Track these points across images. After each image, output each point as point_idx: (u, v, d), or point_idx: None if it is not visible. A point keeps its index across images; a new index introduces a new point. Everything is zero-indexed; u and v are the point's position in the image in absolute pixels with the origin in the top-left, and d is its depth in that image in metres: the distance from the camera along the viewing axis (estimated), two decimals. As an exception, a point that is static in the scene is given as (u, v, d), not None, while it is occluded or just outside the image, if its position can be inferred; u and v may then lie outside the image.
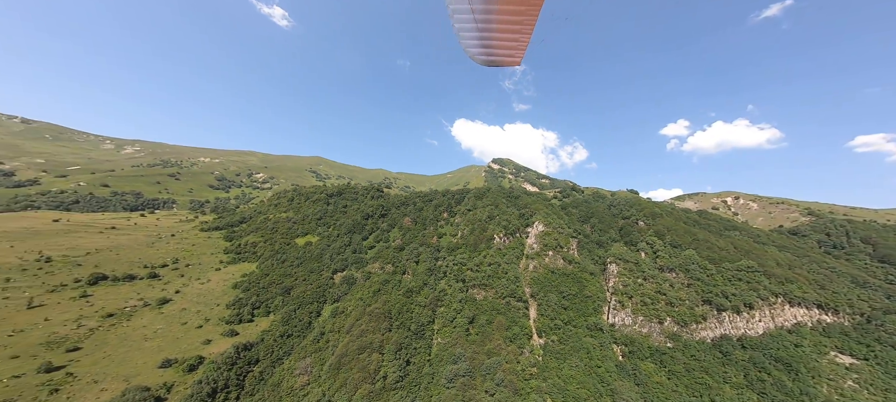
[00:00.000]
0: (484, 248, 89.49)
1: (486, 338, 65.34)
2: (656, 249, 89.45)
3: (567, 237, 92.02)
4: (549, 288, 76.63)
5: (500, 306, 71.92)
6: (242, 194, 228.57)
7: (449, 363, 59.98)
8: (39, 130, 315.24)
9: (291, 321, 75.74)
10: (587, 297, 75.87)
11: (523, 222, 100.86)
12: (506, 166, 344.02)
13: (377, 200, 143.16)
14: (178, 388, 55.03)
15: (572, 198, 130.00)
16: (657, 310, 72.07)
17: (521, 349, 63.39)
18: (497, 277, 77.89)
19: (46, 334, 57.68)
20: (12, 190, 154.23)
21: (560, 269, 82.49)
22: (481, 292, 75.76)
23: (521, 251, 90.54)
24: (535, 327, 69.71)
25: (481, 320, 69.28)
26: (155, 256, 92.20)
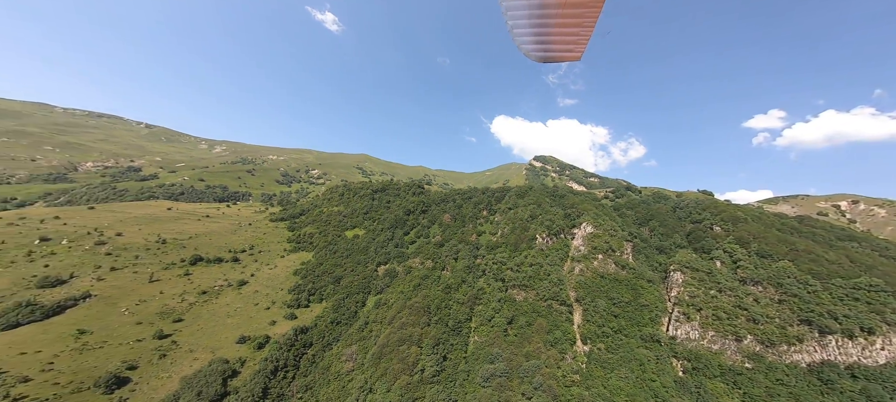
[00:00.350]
0: (525, 248, 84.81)
1: (524, 340, 62.64)
2: (737, 258, 75.36)
3: (620, 241, 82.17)
4: (597, 293, 70.57)
5: (541, 308, 68.55)
6: (301, 189, 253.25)
7: (485, 362, 58.81)
8: (157, 133, 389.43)
9: (340, 309, 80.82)
10: (643, 306, 68.49)
11: (569, 222, 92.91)
12: (549, 164, 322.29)
13: (418, 196, 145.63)
14: (249, 363, 62.16)
15: (627, 198, 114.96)
16: (735, 326, 62.07)
17: (563, 355, 59.66)
18: (539, 278, 73.99)
19: (160, 305, 69.90)
20: (140, 183, 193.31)
21: (611, 274, 74.82)
22: (521, 293, 72.67)
23: (565, 253, 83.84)
24: (580, 333, 65.12)
25: (520, 321, 66.56)
26: (237, 242, 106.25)
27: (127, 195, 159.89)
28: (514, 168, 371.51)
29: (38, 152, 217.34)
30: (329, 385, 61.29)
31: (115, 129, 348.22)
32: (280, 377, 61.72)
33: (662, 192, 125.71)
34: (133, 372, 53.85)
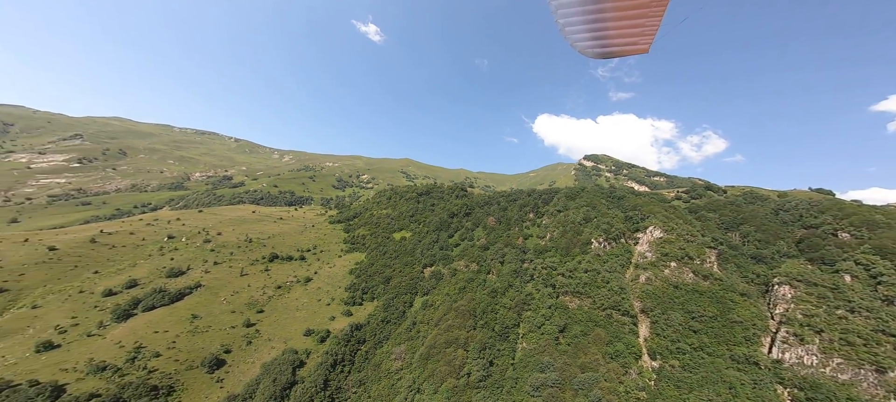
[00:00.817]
0: (578, 253, 77.66)
1: (579, 350, 57.68)
2: (877, 272, 58.32)
3: (700, 247, 70.05)
4: (669, 305, 61.98)
5: (598, 317, 62.61)
6: (353, 193, 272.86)
7: (535, 371, 55.49)
8: (242, 146, 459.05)
9: (390, 309, 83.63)
10: (734, 322, 58.36)
11: (631, 226, 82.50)
12: (602, 163, 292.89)
13: (461, 199, 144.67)
14: (313, 355, 67.63)
15: (708, 199, 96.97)
16: (875, 354, 49.21)
17: (626, 369, 53.66)
18: (595, 286, 67.63)
19: (248, 297, 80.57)
20: (231, 189, 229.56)
21: (688, 284, 64.74)
22: (575, 301, 66.93)
23: (627, 259, 74.65)
24: (647, 348, 57.92)
25: (574, 330, 61.51)
26: (303, 242, 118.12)
27: (223, 200, 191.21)
28: (561, 169, 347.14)
29: (163, 166, 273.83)
30: (380, 382, 63.43)
31: (213, 143, 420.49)
32: (338, 370, 65.96)
33: (757, 191, 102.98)
34: (228, 356, 62.55)
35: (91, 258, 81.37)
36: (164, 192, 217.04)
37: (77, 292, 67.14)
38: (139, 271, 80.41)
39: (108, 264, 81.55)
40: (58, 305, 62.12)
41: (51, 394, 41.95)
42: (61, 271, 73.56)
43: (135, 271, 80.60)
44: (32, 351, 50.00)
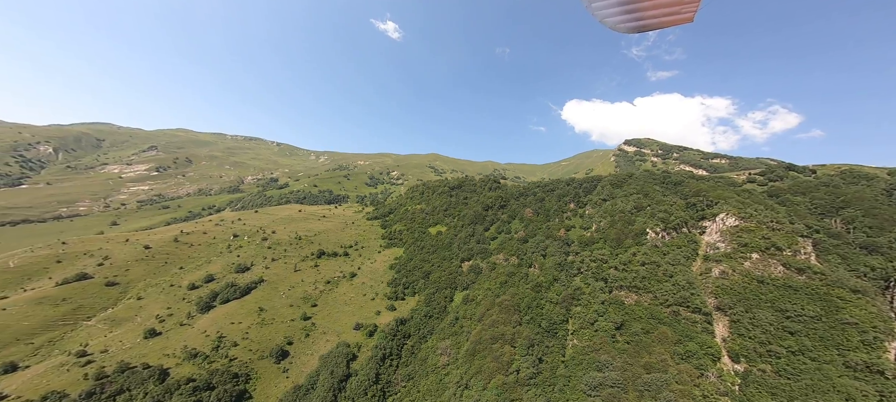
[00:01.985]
0: (632, 244, 71.70)
1: (641, 349, 53.62)
2: None
3: (791, 236, 60.84)
4: (753, 302, 55.08)
5: (662, 315, 57.50)
6: (385, 190, 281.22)
7: (592, 370, 52.77)
8: (284, 149, 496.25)
9: (431, 304, 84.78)
10: (846, 324, 50.30)
11: (694, 213, 74.00)
12: (646, 147, 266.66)
13: (495, 191, 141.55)
14: (363, 349, 70.94)
15: (792, 181, 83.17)
16: None
17: (702, 372, 48.72)
18: (656, 280, 62.13)
19: (302, 291, 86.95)
20: (278, 191, 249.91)
21: (778, 279, 57.11)
22: (632, 296, 62.21)
23: (692, 251, 67.44)
24: (727, 349, 52.17)
25: (634, 327, 57.14)
26: (345, 238, 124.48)
27: (272, 201, 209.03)
28: (597, 156, 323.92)
29: (221, 171, 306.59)
30: (428, 377, 64.66)
31: (259, 148, 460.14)
32: (387, 364, 68.53)
33: (859, 169, 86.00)
34: (291, 347, 68.10)
35: (176, 255, 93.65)
36: (224, 195, 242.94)
37: (168, 286, 77.82)
38: (214, 267, 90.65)
39: (188, 260, 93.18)
40: (155, 297, 72.60)
41: (159, 377, 49.33)
42: (155, 266, 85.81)
43: (210, 267, 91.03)
44: (142, 337, 59.15)
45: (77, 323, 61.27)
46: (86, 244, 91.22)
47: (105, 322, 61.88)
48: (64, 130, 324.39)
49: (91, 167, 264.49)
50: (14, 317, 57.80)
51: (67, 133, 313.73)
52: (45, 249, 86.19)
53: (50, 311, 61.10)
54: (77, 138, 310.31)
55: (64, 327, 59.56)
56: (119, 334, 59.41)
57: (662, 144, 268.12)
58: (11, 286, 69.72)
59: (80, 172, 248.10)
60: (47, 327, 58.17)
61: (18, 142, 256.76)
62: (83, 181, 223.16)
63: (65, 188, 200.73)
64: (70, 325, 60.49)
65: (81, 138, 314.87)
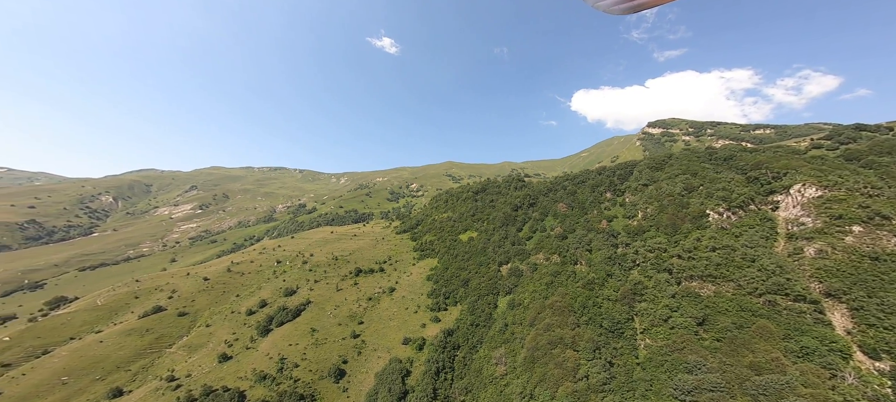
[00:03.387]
0: (691, 228, 67.18)
1: (740, 347, 48.28)
2: None
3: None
4: (876, 285, 47.28)
5: (754, 306, 51.61)
6: (407, 203, 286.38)
7: (680, 372, 48.29)
8: (307, 175, 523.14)
9: (475, 312, 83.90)
10: None
11: (759, 188, 68.11)
12: (673, 127, 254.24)
13: (520, 190, 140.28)
14: (416, 364, 71.23)
15: (871, 141, 75.16)
16: None
17: (834, 373, 42.05)
18: (735, 266, 56.47)
19: (347, 310, 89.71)
20: (308, 215, 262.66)
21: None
22: (708, 287, 57.25)
23: (769, 229, 61.50)
24: (857, 343, 45.02)
25: (722, 322, 51.95)
26: (379, 254, 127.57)
27: (304, 225, 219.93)
28: (618, 142, 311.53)
29: (254, 203, 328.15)
30: (487, 389, 63.39)
31: (285, 178, 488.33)
32: (442, 378, 68.21)
33: None
34: (346, 366, 69.98)
35: (231, 285, 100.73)
36: (261, 225, 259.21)
37: (230, 312, 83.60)
38: (264, 293, 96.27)
39: (242, 288, 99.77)
40: (221, 323, 78.24)
41: (238, 400, 52.76)
42: (215, 296, 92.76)
43: (261, 293, 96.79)
44: (216, 362, 63.75)
45: (161, 351, 67.56)
46: (155, 281, 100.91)
47: (184, 349, 67.63)
48: (118, 180, 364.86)
49: (145, 211, 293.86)
50: (111, 348, 64.95)
51: (122, 182, 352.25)
52: (123, 287, 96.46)
53: (138, 341, 68.00)
54: (130, 186, 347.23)
55: (151, 354, 65.92)
56: (197, 359, 64.56)
57: (692, 122, 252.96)
58: (103, 322, 78.65)
59: (138, 217, 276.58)
60: (138, 355, 64.73)
61: (83, 195, 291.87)
62: (142, 225, 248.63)
63: (128, 232, 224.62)
64: (156, 352, 66.84)
65: (133, 185, 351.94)
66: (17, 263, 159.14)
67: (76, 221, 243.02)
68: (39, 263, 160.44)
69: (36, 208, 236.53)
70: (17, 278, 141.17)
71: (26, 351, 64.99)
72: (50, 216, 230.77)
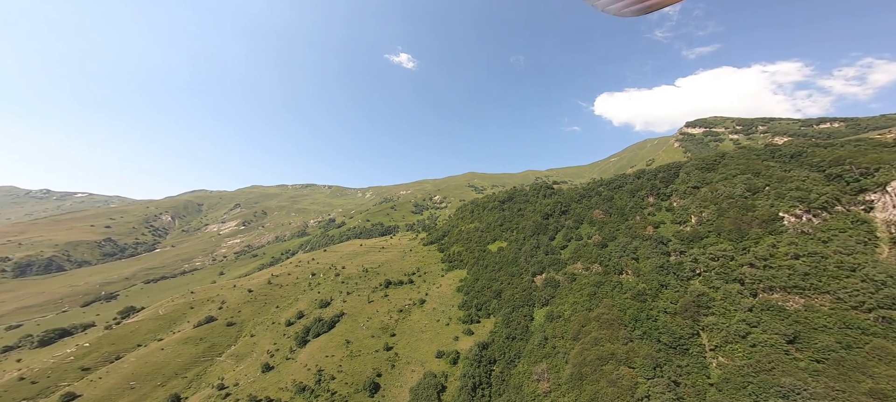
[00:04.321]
0: (762, 233, 59.42)
1: (850, 370, 40.89)
2: None
3: None
4: None
5: (863, 322, 44.07)
6: (431, 215, 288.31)
7: (773, 397, 41.56)
8: (335, 191, 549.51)
9: (510, 324, 79.75)
10: None
11: (844, 187, 59.30)
12: (718, 126, 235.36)
13: (550, 198, 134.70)
14: (451, 379, 68.45)
15: None
16: None
17: None
18: (830, 276, 49.23)
19: (379, 322, 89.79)
20: (337, 229, 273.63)
21: None
22: (796, 299, 50.20)
23: (867, 233, 53.16)
24: None
25: (821, 341, 44.63)
26: (407, 266, 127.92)
27: (334, 239, 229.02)
28: (652, 145, 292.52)
29: (289, 218, 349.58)
30: (529, 408, 58.84)
31: (315, 194, 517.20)
32: (479, 394, 64.69)
33: None
34: (380, 379, 69.09)
35: (271, 296, 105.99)
36: (295, 239, 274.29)
37: (271, 323, 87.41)
38: (301, 305, 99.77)
39: (281, 299, 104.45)
40: (263, 333, 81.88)
41: (281, 410, 53.91)
42: (258, 307, 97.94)
43: (298, 304, 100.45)
44: (260, 372, 66.28)
45: (212, 359, 71.97)
46: (207, 292, 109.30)
47: (231, 358, 71.40)
48: (175, 200, 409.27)
49: (197, 229, 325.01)
50: (170, 355, 70.45)
51: (178, 202, 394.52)
52: (180, 298, 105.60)
53: (193, 349, 73.16)
54: (185, 206, 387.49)
55: (204, 362, 70.40)
56: (243, 368, 67.64)
57: (739, 120, 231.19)
58: (164, 330, 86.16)
59: (191, 234, 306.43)
60: (194, 362, 69.45)
61: (148, 215, 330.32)
62: (194, 241, 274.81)
63: (184, 248, 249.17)
64: (208, 361, 71.29)
65: (187, 205, 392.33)
66: (96, 276, 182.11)
67: (142, 238, 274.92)
68: (113, 276, 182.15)
69: (111, 227, 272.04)
70: (96, 290, 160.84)
71: (103, 356, 72.54)
72: (122, 235, 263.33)
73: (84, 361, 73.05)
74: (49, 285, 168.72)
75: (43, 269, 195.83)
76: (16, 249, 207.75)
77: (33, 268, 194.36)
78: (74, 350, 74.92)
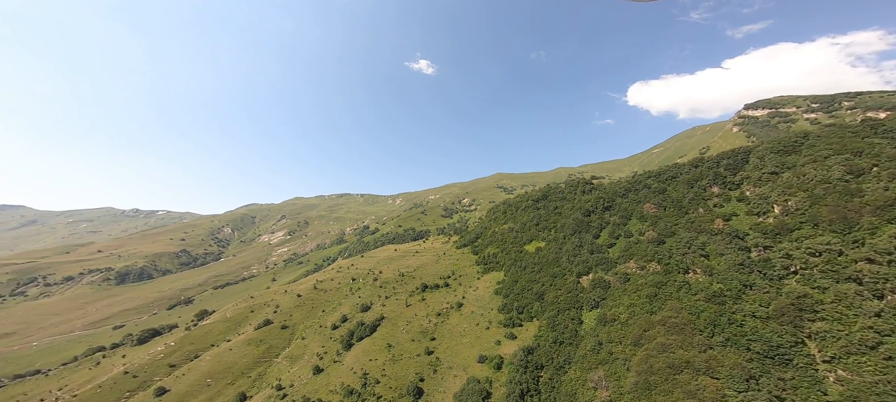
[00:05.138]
0: (878, 222, 48.27)
1: None
2: None
3: None
4: None
5: None
6: (461, 218, 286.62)
7: None
8: (368, 199, 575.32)
9: (557, 328, 74.35)
10: None
11: None
12: (787, 105, 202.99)
13: (590, 193, 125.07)
14: (495, 385, 65.23)
15: None
16: None
17: None
18: None
19: (418, 325, 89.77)
20: (372, 236, 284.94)
21: None
22: None
23: None
24: None
25: None
26: (442, 270, 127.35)
27: (369, 246, 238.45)
28: (703, 132, 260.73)
29: (328, 227, 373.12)
30: (587, 422, 53.44)
31: (350, 203, 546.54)
32: (527, 400, 60.68)
33: None
34: (423, 384, 68.34)
35: (318, 301, 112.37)
36: (334, 246, 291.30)
37: (319, 326, 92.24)
38: (344, 309, 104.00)
39: (326, 304, 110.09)
40: (313, 336, 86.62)
41: (333, 411, 55.81)
42: (307, 310, 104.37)
43: (342, 309, 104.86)
44: (312, 374, 69.88)
45: (271, 360, 78.02)
46: (263, 297, 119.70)
47: (287, 360, 76.56)
48: (233, 214, 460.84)
49: (252, 239, 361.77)
50: (237, 355, 77.81)
51: (235, 216, 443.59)
52: (243, 302, 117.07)
53: (255, 350, 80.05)
54: (241, 219, 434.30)
55: (264, 363, 76.59)
56: (296, 370, 71.98)
57: (815, 97, 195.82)
58: (231, 332, 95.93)
59: (248, 244, 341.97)
60: (256, 363, 75.93)
61: (213, 228, 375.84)
62: (250, 250, 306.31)
63: (242, 258, 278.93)
64: (267, 362, 77.43)
65: (243, 218, 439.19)
66: (176, 283, 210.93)
67: (210, 249, 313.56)
68: (189, 283, 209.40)
69: (185, 240, 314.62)
70: (177, 295, 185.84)
71: (185, 354, 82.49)
72: (194, 246, 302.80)
73: (171, 358, 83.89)
74: (142, 290, 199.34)
75: (137, 277, 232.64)
76: (117, 260, 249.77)
77: (130, 276, 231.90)
78: (163, 348, 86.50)
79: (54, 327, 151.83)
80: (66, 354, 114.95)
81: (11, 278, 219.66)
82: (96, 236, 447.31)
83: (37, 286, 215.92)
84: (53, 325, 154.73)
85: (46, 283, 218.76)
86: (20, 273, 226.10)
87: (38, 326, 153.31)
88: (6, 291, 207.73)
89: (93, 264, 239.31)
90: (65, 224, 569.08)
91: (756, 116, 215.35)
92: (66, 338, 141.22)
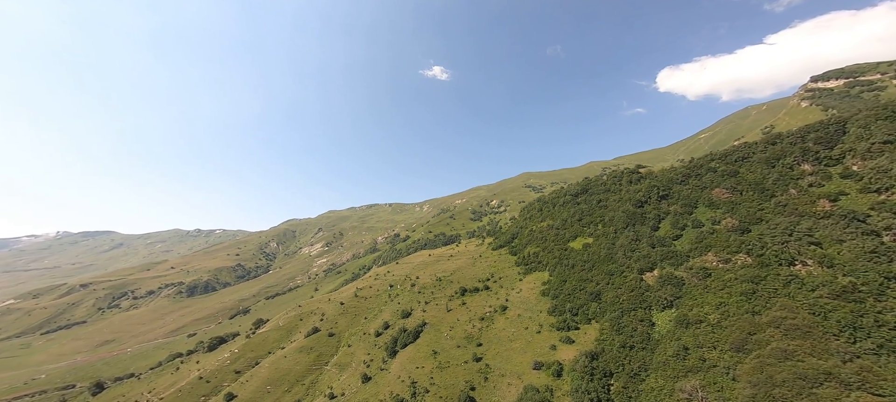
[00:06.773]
0: None
1: None
2: None
3: None
4: None
5: None
6: (490, 220, 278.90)
7: None
8: (396, 208, 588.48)
9: (623, 331, 65.27)
10: None
11: None
12: (866, 73, 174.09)
13: (640, 182, 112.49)
14: (556, 394, 58.16)
15: None
16: None
17: None
18: None
19: (462, 331, 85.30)
20: (403, 243, 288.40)
21: None
22: None
23: None
24: None
25: None
26: (479, 272, 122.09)
27: (402, 253, 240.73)
28: (760, 112, 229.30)
29: (361, 237, 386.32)
30: (680, 444, 44.54)
31: (379, 213, 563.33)
32: (600, 415, 52.86)
33: None
34: (474, 393, 63.37)
35: (359, 308, 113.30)
36: (368, 255, 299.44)
37: (362, 334, 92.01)
38: (385, 315, 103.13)
39: (368, 311, 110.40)
40: (358, 343, 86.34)
41: (386, 421, 53.36)
42: (350, 318, 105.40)
43: (383, 315, 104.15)
44: (360, 382, 68.76)
45: (321, 368, 78.95)
46: (309, 306, 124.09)
47: (336, 367, 76.73)
48: (277, 230, 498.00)
49: (295, 252, 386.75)
50: (291, 363, 79.94)
51: (279, 231, 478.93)
52: (292, 311, 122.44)
53: (306, 358, 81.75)
54: (284, 233, 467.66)
55: (315, 371, 77.68)
56: (346, 378, 71.50)
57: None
58: (285, 339, 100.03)
59: (291, 257, 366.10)
60: (309, 370, 77.28)
61: (261, 243, 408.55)
62: (294, 263, 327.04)
63: (287, 269, 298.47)
64: (318, 370, 78.47)
65: (286, 232, 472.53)
66: (235, 294, 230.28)
67: (260, 263, 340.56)
68: (245, 294, 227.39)
69: (239, 255, 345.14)
70: (236, 305, 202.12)
71: (248, 361, 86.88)
72: (246, 260, 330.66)
73: (236, 364, 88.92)
74: (207, 301, 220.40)
75: (203, 289, 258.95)
76: (186, 275, 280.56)
77: (198, 289, 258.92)
78: (229, 355, 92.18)
79: (143, 335, 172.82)
80: (152, 359, 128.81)
81: (108, 293, 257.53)
82: (169, 255, 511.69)
83: (127, 299, 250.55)
84: (142, 333, 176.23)
85: (134, 297, 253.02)
86: (115, 289, 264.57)
87: (130, 334, 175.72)
88: (104, 304, 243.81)
89: (168, 279, 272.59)
90: (144, 245, 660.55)
91: (829, 87, 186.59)
92: (152, 345, 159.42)
